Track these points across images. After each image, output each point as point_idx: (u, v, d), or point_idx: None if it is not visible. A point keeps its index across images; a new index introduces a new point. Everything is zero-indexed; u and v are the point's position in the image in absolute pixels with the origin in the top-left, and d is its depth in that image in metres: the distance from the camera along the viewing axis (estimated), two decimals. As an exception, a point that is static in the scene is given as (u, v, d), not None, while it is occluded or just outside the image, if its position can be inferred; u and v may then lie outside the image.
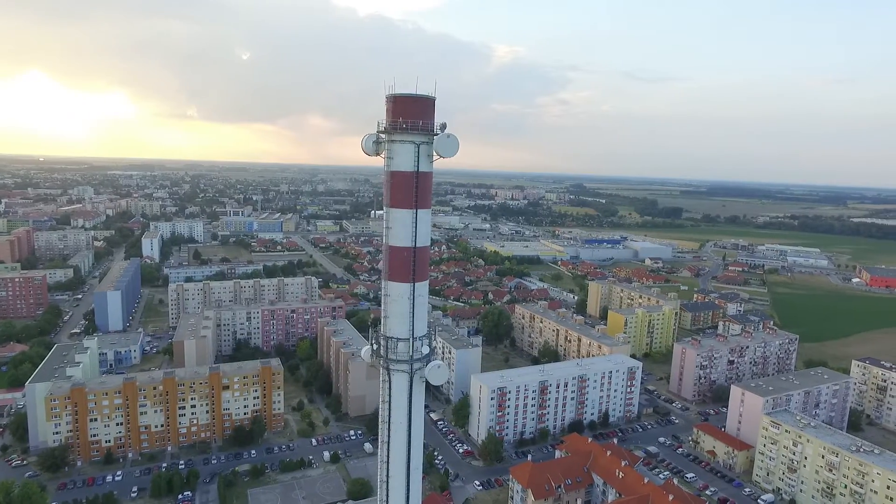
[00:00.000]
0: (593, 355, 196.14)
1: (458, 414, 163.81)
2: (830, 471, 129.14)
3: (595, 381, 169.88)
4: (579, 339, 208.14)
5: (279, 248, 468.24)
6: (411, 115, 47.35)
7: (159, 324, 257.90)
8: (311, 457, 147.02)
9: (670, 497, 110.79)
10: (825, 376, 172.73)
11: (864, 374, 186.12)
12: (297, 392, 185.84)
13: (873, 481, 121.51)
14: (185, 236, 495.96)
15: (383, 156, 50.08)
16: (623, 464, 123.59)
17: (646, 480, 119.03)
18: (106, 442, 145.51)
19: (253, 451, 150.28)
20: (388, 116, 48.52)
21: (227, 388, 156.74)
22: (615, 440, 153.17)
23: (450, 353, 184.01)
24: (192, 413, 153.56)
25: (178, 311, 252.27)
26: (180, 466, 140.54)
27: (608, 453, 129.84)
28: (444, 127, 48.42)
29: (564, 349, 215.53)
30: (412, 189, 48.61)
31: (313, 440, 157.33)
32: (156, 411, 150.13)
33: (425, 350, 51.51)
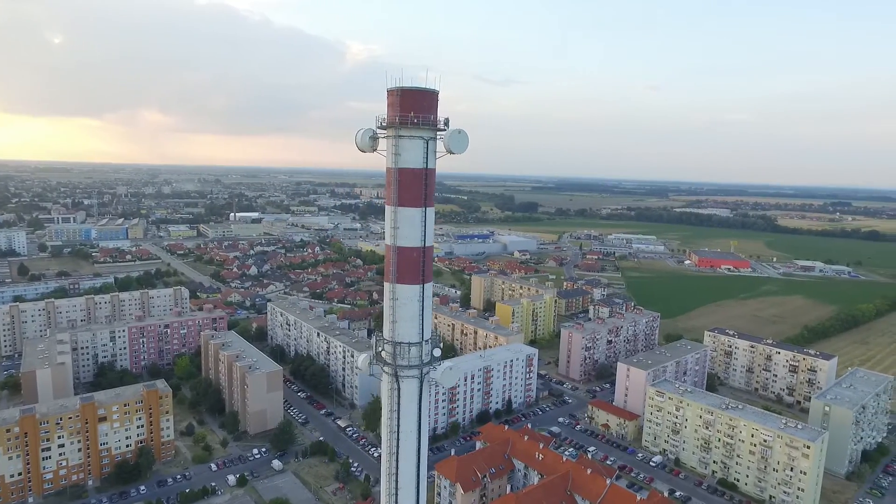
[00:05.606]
0: (490, 346, 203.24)
1: (370, 418, 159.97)
2: (707, 428, 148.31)
3: (498, 371, 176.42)
4: (475, 332, 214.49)
5: (129, 257, 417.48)
6: (420, 109, 45.02)
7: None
8: (213, 483, 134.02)
9: (588, 471, 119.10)
10: (688, 347, 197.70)
11: (714, 342, 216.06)
12: (182, 415, 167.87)
13: (741, 432, 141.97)
14: (2, 249, 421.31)
15: (380, 152, 47.20)
16: (540, 446, 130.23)
17: (564, 459, 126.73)
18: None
19: (143, 487, 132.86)
20: (395, 110, 45.56)
21: (104, 419, 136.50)
22: (529, 424, 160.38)
23: (352, 356, 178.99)
24: (60, 454, 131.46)
25: (12, 337, 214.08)
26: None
27: (525, 438, 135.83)
28: (447, 122, 46.87)
29: (461, 343, 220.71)
30: (421, 186, 46.42)
31: (212, 465, 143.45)
32: (10, 458, 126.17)
33: (436, 353, 49.76)
